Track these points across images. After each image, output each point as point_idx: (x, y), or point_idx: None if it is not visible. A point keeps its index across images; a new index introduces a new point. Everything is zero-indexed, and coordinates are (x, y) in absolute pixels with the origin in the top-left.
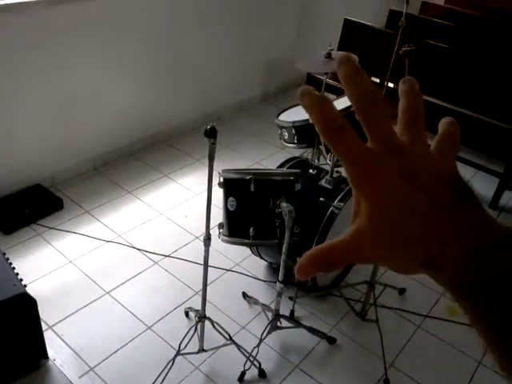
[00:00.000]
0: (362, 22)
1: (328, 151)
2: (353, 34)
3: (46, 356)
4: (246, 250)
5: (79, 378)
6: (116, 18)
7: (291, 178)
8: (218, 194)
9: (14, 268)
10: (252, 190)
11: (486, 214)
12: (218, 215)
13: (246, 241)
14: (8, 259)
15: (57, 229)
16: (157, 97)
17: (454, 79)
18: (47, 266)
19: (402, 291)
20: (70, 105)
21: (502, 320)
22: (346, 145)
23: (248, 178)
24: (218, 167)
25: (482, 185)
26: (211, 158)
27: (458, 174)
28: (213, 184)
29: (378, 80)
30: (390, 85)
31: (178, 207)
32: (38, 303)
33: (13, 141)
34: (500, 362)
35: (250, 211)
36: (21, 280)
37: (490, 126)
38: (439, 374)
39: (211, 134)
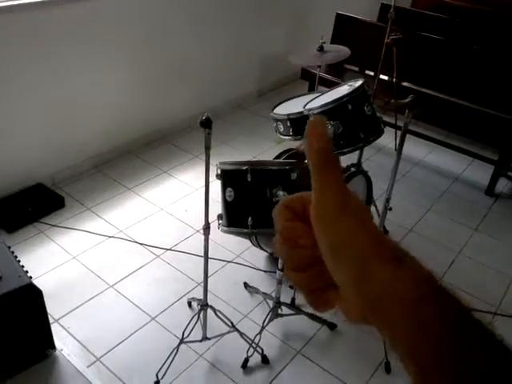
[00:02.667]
0: (353, 15)
1: None
2: (345, 28)
3: (53, 346)
4: (246, 242)
5: (87, 367)
6: (113, 18)
7: (287, 167)
8: (217, 187)
9: (19, 261)
10: (249, 180)
11: None
12: (217, 208)
13: (245, 230)
14: (13, 252)
15: (59, 226)
16: (154, 95)
17: (447, 70)
18: (51, 263)
19: None
20: (69, 104)
21: None
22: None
23: (244, 168)
24: (216, 162)
25: (478, 172)
26: (207, 149)
27: None
28: (210, 175)
29: (372, 73)
30: (383, 77)
31: (177, 202)
32: (44, 298)
33: (14, 141)
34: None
35: (247, 201)
36: (26, 272)
37: (483, 114)
38: None
39: (206, 124)
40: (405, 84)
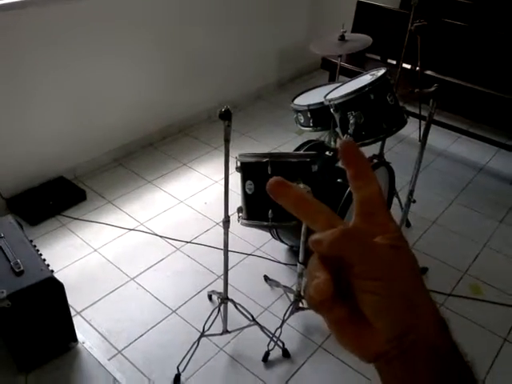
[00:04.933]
0: (375, 3)
1: (344, 133)
2: (366, 16)
3: (75, 339)
4: (267, 235)
5: (108, 360)
6: (130, 13)
7: (307, 159)
8: (236, 179)
9: (41, 254)
10: (269, 172)
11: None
12: (236, 201)
13: (265, 223)
14: (35, 246)
15: (81, 219)
16: (173, 88)
17: (472, 57)
18: (73, 255)
19: (423, 270)
20: (88, 99)
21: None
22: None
23: (265, 160)
24: (236, 154)
25: (504, 163)
26: (227, 141)
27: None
28: (230, 167)
29: (394, 61)
30: (406, 65)
31: (197, 195)
32: (66, 290)
33: (35, 135)
34: None
35: (268, 194)
36: (48, 265)
37: (509, 102)
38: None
39: (226, 116)
40: (428, 72)
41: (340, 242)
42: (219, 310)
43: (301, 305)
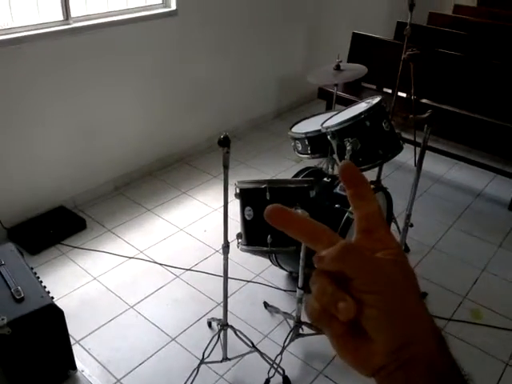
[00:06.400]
0: (369, 34)
1: (341, 159)
2: (361, 47)
3: (74, 367)
4: (266, 261)
5: None
6: (130, 45)
7: (305, 185)
8: (235, 207)
9: (41, 282)
10: (268, 198)
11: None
12: (236, 228)
13: (265, 248)
14: (36, 273)
15: (81, 248)
16: (173, 118)
17: (466, 85)
18: (73, 284)
19: (423, 295)
20: (89, 128)
21: None
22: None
23: (263, 186)
24: (235, 181)
25: (500, 188)
26: (226, 167)
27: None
28: (229, 195)
29: (389, 90)
30: (402, 94)
31: (196, 223)
32: (65, 319)
33: (36, 165)
34: None
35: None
36: (48, 293)
37: (504, 129)
38: None
39: (224, 142)
40: (423, 101)
41: (342, 256)
42: (219, 336)
43: (301, 331)
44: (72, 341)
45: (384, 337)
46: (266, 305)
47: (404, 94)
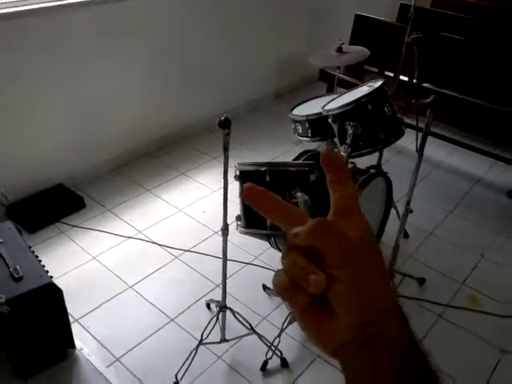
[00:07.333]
0: (372, 16)
1: (342, 143)
2: (364, 29)
3: (73, 346)
4: (265, 244)
5: (106, 367)
6: (135, 24)
7: (306, 168)
8: (235, 188)
9: (40, 261)
10: (267, 180)
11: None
12: (234, 210)
13: (264, 231)
14: (34, 252)
15: (80, 227)
16: (172, 98)
17: (469, 70)
18: (71, 263)
19: (421, 281)
20: (89, 108)
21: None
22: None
23: (263, 169)
24: (235, 163)
25: (500, 175)
26: (226, 149)
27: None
28: (229, 176)
29: (391, 74)
30: (403, 78)
31: (195, 204)
32: (64, 298)
33: (36, 143)
34: None
35: None
36: (47, 272)
37: (505, 115)
38: (462, 364)
39: (225, 124)
40: (425, 85)
41: (316, 231)
42: (217, 318)
43: None
44: (71, 319)
45: (349, 312)
46: (264, 287)
47: (406, 78)
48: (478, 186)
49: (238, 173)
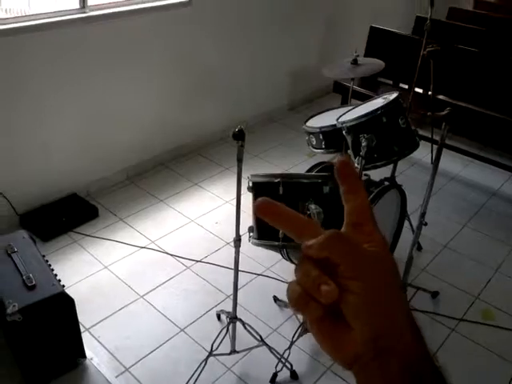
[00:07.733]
0: (387, 28)
1: (356, 155)
2: (379, 41)
3: (83, 355)
4: (277, 255)
5: (116, 377)
6: (144, 33)
7: (319, 180)
8: (248, 199)
9: (52, 269)
10: (280, 192)
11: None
12: (247, 221)
13: (276, 243)
14: (47, 261)
15: (92, 236)
16: (186, 109)
17: (484, 82)
18: (84, 272)
19: (434, 294)
20: (102, 117)
21: None
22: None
23: (276, 181)
24: (247, 175)
25: None
26: (239, 161)
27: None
28: (242, 187)
29: (406, 86)
30: (418, 90)
31: (208, 214)
32: (76, 306)
33: (50, 153)
34: None
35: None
36: (59, 281)
37: None
38: (475, 379)
39: (239, 136)
40: (440, 97)
41: (330, 242)
42: (228, 329)
43: None
44: (82, 328)
45: (362, 324)
46: (275, 299)
47: (420, 90)
48: (493, 199)
49: (251, 184)
